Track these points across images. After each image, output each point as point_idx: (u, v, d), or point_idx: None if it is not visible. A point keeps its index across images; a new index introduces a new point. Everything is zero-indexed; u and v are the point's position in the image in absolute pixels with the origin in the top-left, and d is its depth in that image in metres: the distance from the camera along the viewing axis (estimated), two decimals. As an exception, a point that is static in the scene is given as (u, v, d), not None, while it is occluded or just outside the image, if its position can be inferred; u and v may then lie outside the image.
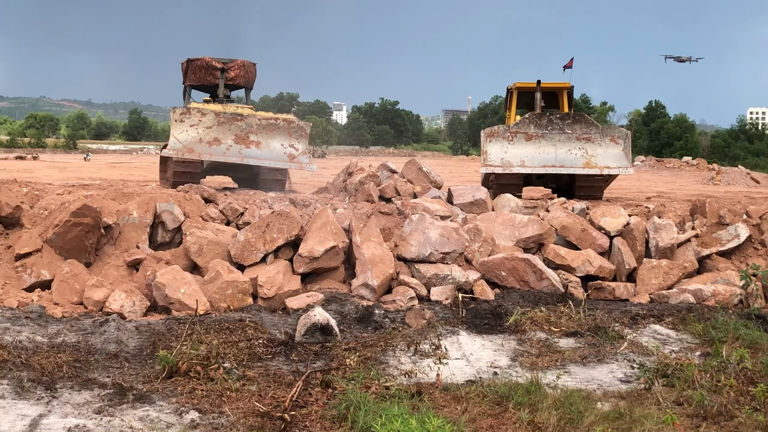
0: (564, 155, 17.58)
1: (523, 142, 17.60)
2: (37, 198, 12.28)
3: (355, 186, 15.24)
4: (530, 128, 17.67)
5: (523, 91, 20.32)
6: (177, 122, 17.88)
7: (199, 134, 17.89)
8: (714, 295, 11.92)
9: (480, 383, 7.64)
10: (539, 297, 11.41)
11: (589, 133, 17.63)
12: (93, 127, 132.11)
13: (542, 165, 17.54)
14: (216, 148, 17.83)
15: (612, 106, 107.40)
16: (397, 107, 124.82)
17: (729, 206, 14.38)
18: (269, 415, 6.62)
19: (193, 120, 17.93)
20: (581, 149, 17.60)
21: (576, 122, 17.79)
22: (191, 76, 20.97)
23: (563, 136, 17.62)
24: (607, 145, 17.65)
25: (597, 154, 17.58)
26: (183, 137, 17.82)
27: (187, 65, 20.93)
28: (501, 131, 17.77)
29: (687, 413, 6.96)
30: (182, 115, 17.87)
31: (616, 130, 18.20)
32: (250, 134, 18.11)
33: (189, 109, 18.16)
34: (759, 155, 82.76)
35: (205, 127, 17.95)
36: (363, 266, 11.42)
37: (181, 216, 12.28)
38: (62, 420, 6.46)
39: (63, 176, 25.66)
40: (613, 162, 17.57)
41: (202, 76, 20.90)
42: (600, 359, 8.86)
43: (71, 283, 10.60)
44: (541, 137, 17.63)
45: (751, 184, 35.83)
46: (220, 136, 17.93)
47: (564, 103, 20.05)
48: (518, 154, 17.55)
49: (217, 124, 17.96)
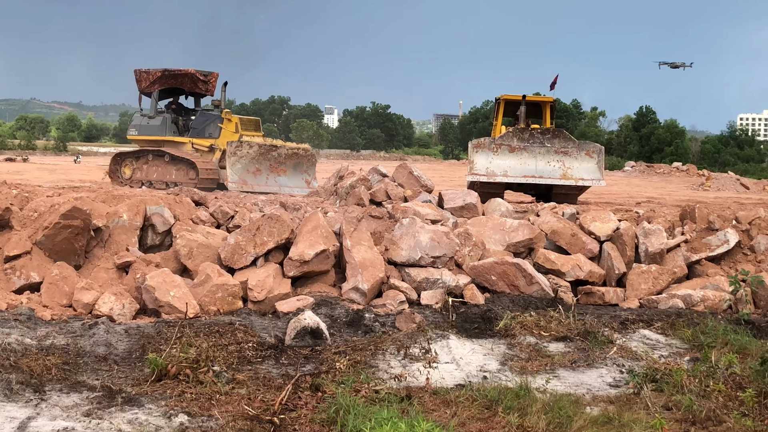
0: (543, 167, 18.81)
1: (507, 154, 18.79)
2: (26, 200, 12.23)
3: (346, 190, 15.23)
4: (513, 141, 18.88)
5: (510, 101, 22.32)
6: (231, 155, 19.76)
7: (245, 165, 19.94)
8: (703, 301, 11.97)
9: (469, 387, 7.65)
10: (529, 301, 11.44)
11: (567, 147, 18.96)
12: (83, 130, 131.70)
13: (523, 175, 18.75)
14: (259, 177, 19.90)
15: (603, 112, 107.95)
16: (388, 111, 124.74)
17: (718, 212, 14.44)
18: (258, 419, 6.61)
19: (243, 152, 19.87)
20: (559, 162, 18.85)
21: (555, 137, 19.08)
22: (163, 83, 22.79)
23: (543, 149, 18.89)
24: (582, 159, 18.96)
25: (573, 167, 18.87)
26: (237, 169, 19.82)
27: (162, 73, 22.07)
28: (487, 143, 18.99)
29: (676, 418, 6.99)
30: (236, 149, 19.82)
31: (591, 145, 19.53)
32: (280, 163, 20.34)
33: (241, 142, 20.10)
34: (749, 161, 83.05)
35: (250, 158, 20.02)
36: (353, 270, 11.42)
37: (171, 219, 12.26)
38: (51, 423, 6.44)
39: (53, 178, 25.59)
40: (587, 174, 18.93)
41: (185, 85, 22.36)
42: (589, 364, 8.88)
43: (61, 285, 10.57)
44: (523, 149, 18.85)
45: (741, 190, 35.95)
46: (260, 166, 20.13)
47: (546, 116, 22.09)
48: (502, 164, 18.72)
49: (258, 154, 20.05)
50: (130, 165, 22.60)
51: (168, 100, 23.93)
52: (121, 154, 23.62)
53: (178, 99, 24.22)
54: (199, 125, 22.66)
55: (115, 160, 23.23)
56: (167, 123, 22.73)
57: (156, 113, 23.09)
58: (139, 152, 22.72)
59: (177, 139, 22.49)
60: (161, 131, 22.60)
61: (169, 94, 23.86)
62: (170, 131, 22.63)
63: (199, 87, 23.28)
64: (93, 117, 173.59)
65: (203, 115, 22.90)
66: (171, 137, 22.51)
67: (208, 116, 22.67)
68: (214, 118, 22.42)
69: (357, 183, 15.28)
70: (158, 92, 23.12)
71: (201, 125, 22.61)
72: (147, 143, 22.85)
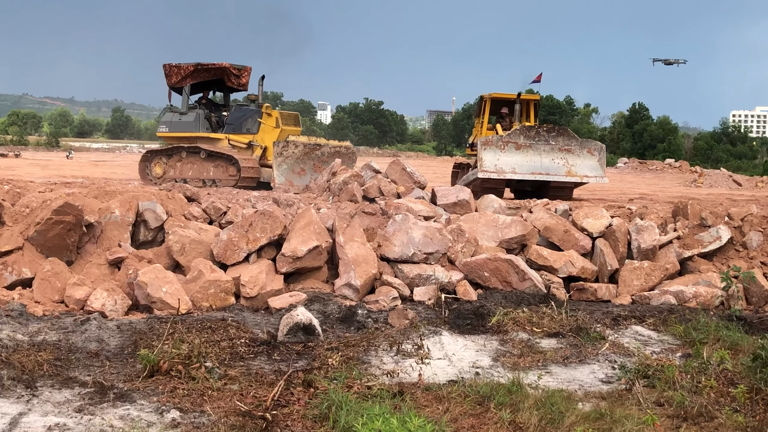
0: (548, 164, 19.19)
1: (513, 151, 19.09)
2: (18, 195, 12.20)
3: (338, 186, 15.22)
4: (520, 138, 19.20)
5: (497, 100, 22.68)
6: (277, 156, 19.35)
7: (290, 166, 19.53)
8: (695, 297, 12.00)
9: (462, 383, 7.66)
10: (522, 298, 11.44)
11: (570, 145, 19.42)
12: (75, 125, 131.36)
13: (530, 172, 19.07)
14: (303, 178, 19.52)
15: (596, 108, 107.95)
16: (381, 107, 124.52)
17: (711, 208, 14.46)
18: (251, 415, 6.61)
19: (289, 152, 19.53)
20: (563, 159, 19.26)
21: (560, 134, 19.49)
22: (195, 77, 21.85)
23: (548, 146, 19.26)
24: (585, 156, 19.44)
25: (576, 164, 19.32)
26: (283, 170, 19.40)
27: (194, 67, 21.44)
28: (494, 140, 19.24)
29: (667, 414, 7.00)
30: (282, 149, 19.41)
31: (593, 143, 20.06)
32: (323, 162, 19.83)
33: (288, 142, 19.68)
34: (741, 158, 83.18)
35: (295, 158, 19.67)
36: (346, 266, 11.42)
37: (164, 215, 12.24)
38: (42, 418, 6.43)
39: (45, 174, 25.48)
40: (590, 171, 19.42)
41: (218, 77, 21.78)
42: (581, 360, 8.90)
43: (52, 281, 10.55)
44: (529, 147, 19.17)
45: (733, 187, 36.00)
46: (305, 165, 19.79)
47: (531, 113, 22.52)
48: (510, 161, 19.00)
49: (303, 154, 19.70)
50: (161, 163, 21.80)
51: (198, 95, 23.30)
52: (151, 152, 22.74)
53: (208, 94, 23.43)
54: (235, 121, 21.86)
55: (145, 158, 22.40)
56: (200, 119, 21.95)
57: (188, 109, 22.23)
58: (172, 149, 21.90)
59: (212, 135, 21.72)
60: (194, 127, 21.80)
61: (199, 89, 23.10)
62: (203, 127, 21.86)
63: (232, 81, 22.54)
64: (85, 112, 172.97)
65: (239, 110, 22.12)
66: (205, 133, 21.76)
67: (245, 111, 21.90)
68: (251, 113, 21.68)
69: (350, 179, 15.27)
70: (189, 87, 22.34)
71: (237, 121, 21.83)
72: (179, 140, 21.98)
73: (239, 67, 22.46)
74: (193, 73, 21.88)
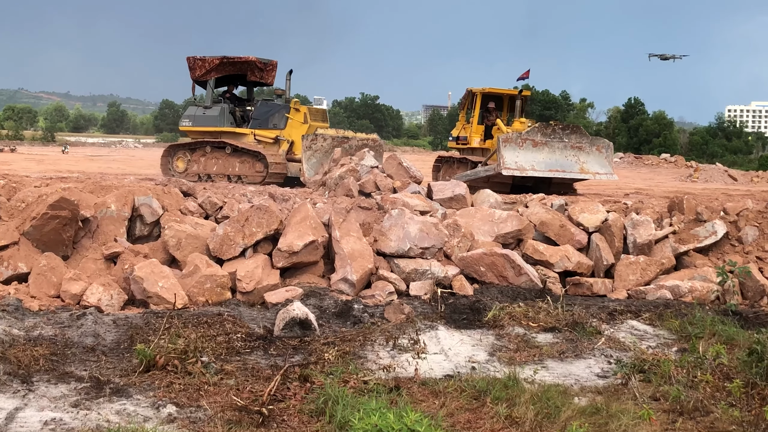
0: (563, 161, 19.75)
1: (531, 148, 19.51)
2: (14, 190, 12.18)
3: (335, 181, 15.23)
4: (537, 136, 19.66)
5: (488, 95, 23.23)
6: (306, 149, 19.05)
7: (319, 159, 19.18)
8: (691, 292, 12.02)
9: (458, 378, 7.67)
10: (518, 292, 11.45)
11: (581, 143, 19.98)
12: (71, 120, 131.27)
13: (549, 169, 19.62)
14: None
15: (591, 103, 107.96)
16: (377, 102, 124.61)
17: (706, 203, 14.49)
18: (247, 409, 6.61)
19: (318, 146, 19.29)
20: (574, 156, 19.81)
21: (573, 132, 20.03)
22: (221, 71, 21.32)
23: (561, 144, 19.76)
24: (594, 154, 20.03)
25: (588, 161, 19.89)
26: (312, 164, 19.09)
27: (220, 61, 21.11)
28: (513, 138, 19.59)
29: (663, 408, 7.02)
30: (311, 142, 19.16)
31: (602, 141, 20.72)
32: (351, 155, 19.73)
33: (316, 135, 19.38)
34: (736, 153, 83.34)
35: (324, 152, 19.34)
36: (342, 261, 11.41)
37: (160, 209, 12.22)
38: (39, 413, 6.43)
39: (41, 169, 25.48)
40: (600, 168, 20.03)
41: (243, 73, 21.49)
42: (577, 354, 8.91)
43: (48, 276, 10.53)
44: (544, 144, 19.63)
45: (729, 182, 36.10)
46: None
47: (518, 109, 23.23)
48: (529, 158, 19.43)
49: (332, 147, 19.30)
50: (184, 158, 21.56)
51: (222, 89, 22.88)
52: (173, 147, 22.55)
53: (232, 88, 23.17)
54: (261, 115, 21.64)
55: (167, 152, 22.17)
56: (225, 113, 21.68)
57: (212, 103, 22.01)
58: (195, 144, 21.64)
59: (237, 130, 21.44)
60: (219, 122, 21.53)
61: (222, 83, 22.85)
62: (228, 122, 21.58)
63: (257, 75, 22.28)
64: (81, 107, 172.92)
65: (265, 105, 21.92)
66: (230, 128, 21.49)
67: (272, 106, 21.72)
68: (278, 108, 21.51)
69: (346, 174, 15.28)
70: (214, 81, 22.10)
71: (263, 115, 21.60)
72: (202, 134, 21.76)
73: (265, 62, 21.95)
74: (218, 66, 21.41)
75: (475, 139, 23.21)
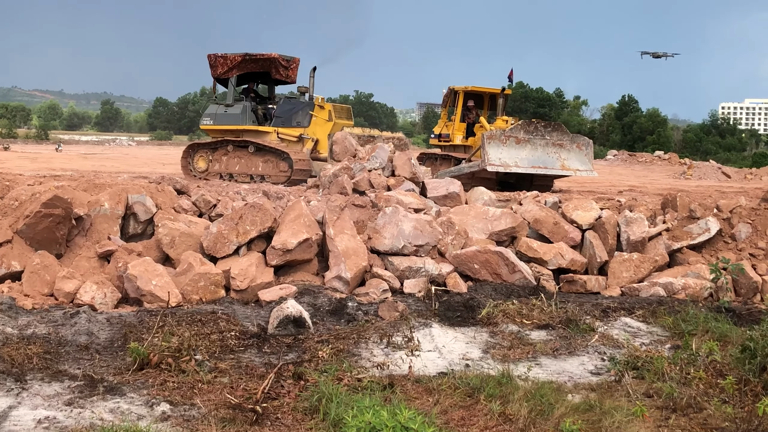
0: (545, 158, 19.83)
1: (514, 145, 19.60)
2: (7, 189, 12.16)
3: (328, 178, 15.19)
4: (520, 133, 19.74)
5: (471, 93, 23.48)
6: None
7: None
8: (684, 289, 12.05)
9: (452, 375, 7.68)
10: (511, 290, 11.47)
11: (562, 140, 20.15)
12: (65, 118, 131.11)
13: (531, 166, 19.67)
14: None
15: (585, 101, 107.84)
16: (371, 100, 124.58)
17: (700, 200, 14.51)
18: (241, 407, 6.61)
19: None
20: (555, 153, 19.93)
21: (555, 130, 20.21)
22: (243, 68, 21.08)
23: (543, 141, 19.90)
24: (574, 151, 20.22)
25: (568, 158, 20.08)
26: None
27: (243, 58, 20.86)
28: (497, 135, 19.64)
29: (657, 405, 7.03)
30: None
31: (581, 138, 20.92)
32: None
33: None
34: (730, 150, 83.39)
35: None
36: (336, 259, 11.42)
37: (153, 207, 12.21)
38: (32, 412, 6.42)
39: (34, 167, 25.36)
40: (581, 165, 20.24)
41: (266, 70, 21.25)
42: (571, 352, 8.93)
43: (42, 274, 10.52)
44: (527, 141, 19.76)
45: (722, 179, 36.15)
46: None
47: (499, 107, 23.51)
48: (512, 155, 19.50)
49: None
50: (206, 157, 21.06)
51: (242, 87, 22.37)
52: (194, 145, 21.99)
53: (254, 86, 22.64)
54: (284, 113, 21.12)
55: (188, 151, 21.66)
56: (247, 111, 21.19)
57: (234, 101, 21.52)
58: (217, 143, 21.16)
59: (260, 128, 20.96)
60: (241, 120, 21.04)
61: (244, 81, 22.32)
62: (250, 120, 21.11)
63: (280, 73, 21.68)
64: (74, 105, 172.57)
65: (288, 103, 21.48)
66: (252, 126, 21.01)
67: (295, 104, 21.23)
68: (302, 105, 20.98)
69: (340, 172, 15.23)
70: (236, 78, 21.60)
71: (287, 114, 21.09)
72: (224, 133, 21.29)
73: (288, 59, 21.54)
74: (240, 63, 20.84)
75: (458, 137, 23.31)
